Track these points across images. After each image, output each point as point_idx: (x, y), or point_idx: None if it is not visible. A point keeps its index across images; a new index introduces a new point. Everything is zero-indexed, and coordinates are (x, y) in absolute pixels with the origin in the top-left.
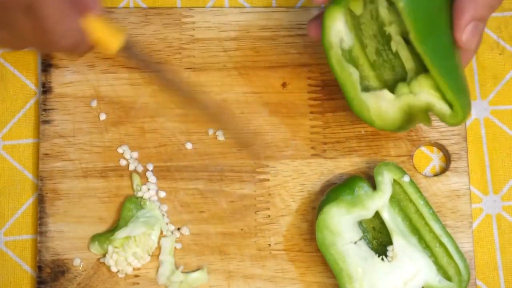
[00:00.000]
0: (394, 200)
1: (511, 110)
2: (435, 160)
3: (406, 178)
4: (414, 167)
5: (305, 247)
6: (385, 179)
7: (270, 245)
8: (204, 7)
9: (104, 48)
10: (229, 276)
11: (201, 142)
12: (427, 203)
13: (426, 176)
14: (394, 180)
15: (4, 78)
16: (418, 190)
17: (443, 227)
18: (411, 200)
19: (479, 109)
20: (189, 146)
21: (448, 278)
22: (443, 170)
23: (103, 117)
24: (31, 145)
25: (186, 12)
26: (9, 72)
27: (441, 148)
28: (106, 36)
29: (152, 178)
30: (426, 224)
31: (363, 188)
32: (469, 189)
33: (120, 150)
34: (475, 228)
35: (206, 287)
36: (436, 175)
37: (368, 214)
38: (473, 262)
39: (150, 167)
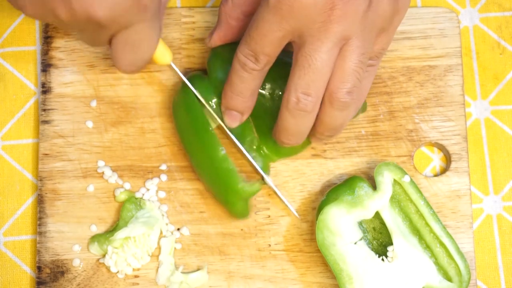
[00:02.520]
0: (395, 200)
1: (511, 110)
2: (435, 160)
3: (406, 179)
4: (415, 167)
5: (305, 247)
6: (386, 179)
7: (270, 245)
8: (204, 7)
9: (157, 60)
10: (229, 276)
11: None
12: (427, 204)
13: (426, 177)
14: (395, 180)
15: (4, 78)
16: (418, 191)
17: (444, 227)
18: (411, 201)
19: (479, 109)
20: None
21: (449, 279)
22: (444, 170)
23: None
24: (31, 145)
25: (186, 12)
26: (9, 72)
27: (442, 148)
28: (161, 48)
29: (155, 179)
30: (427, 224)
31: (363, 188)
32: (470, 189)
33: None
34: (476, 229)
35: (206, 287)
36: (436, 175)
37: (368, 214)
38: (473, 263)
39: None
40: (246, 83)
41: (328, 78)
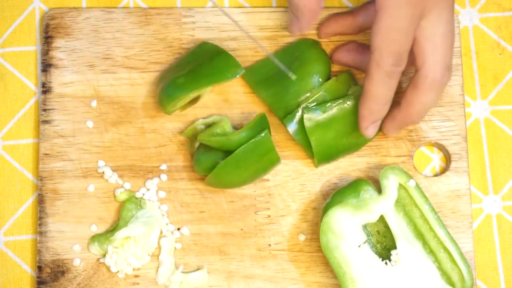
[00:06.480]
0: (399, 204)
1: (511, 110)
2: (435, 160)
3: (411, 183)
4: (414, 167)
5: (305, 247)
6: (391, 183)
7: (270, 245)
8: (204, 7)
9: None
10: (229, 276)
11: None
12: (432, 208)
13: (426, 176)
14: (400, 184)
15: (4, 78)
16: (423, 195)
17: (448, 232)
18: (416, 205)
19: (479, 109)
20: None
21: (452, 284)
22: (443, 170)
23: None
24: (31, 145)
25: (186, 12)
26: (9, 72)
27: (441, 148)
28: None
29: (155, 179)
30: (431, 229)
31: (368, 192)
32: (469, 189)
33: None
34: (475, 228)
35: (206, 287)
36: (436, 175)
37: (373, 217)
38: (473, 262)
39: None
40: (392, 90)
41: None
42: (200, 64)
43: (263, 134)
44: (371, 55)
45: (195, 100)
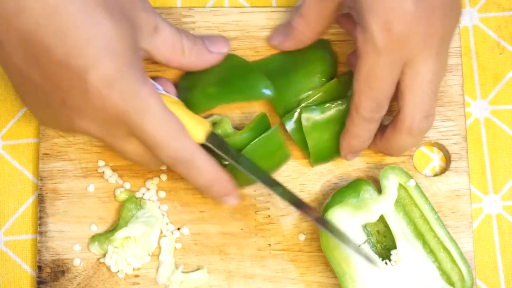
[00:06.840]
0: (399, 204)
1: (511, 110)
2: (435, 160)
3: (411, 183)
4: (414, 167)
5: (305, 247)
6: (391, 183)
7: (270, 245)
8: (204, 7)
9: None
10: (229, 276)
11: None
12: (432, 208)
13: (426, 176)
14: (400, 184)
15: (4, 77)
16: (423, 195)
17: (448, 232)
18: (416, 205)
19: (479, 109)
20: None
21: (452, 284)
22: (443, 170)
23: None
24: (31, 145)
25: (186, 12)
26: None
27: (441, 148)
28: (189, 124)
29: (155, 179)
30: (431, 229)
31: (368, 192)
32: (469, 189)
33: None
34: (475, 228)
35: (206, 287)
36: (436, 175)
37: (373, 217)
38: (473, 262)
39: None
40: (372, 131)
41: None
42: (231, 78)
43: (273, 129)
44: (352, 97)
45: None
